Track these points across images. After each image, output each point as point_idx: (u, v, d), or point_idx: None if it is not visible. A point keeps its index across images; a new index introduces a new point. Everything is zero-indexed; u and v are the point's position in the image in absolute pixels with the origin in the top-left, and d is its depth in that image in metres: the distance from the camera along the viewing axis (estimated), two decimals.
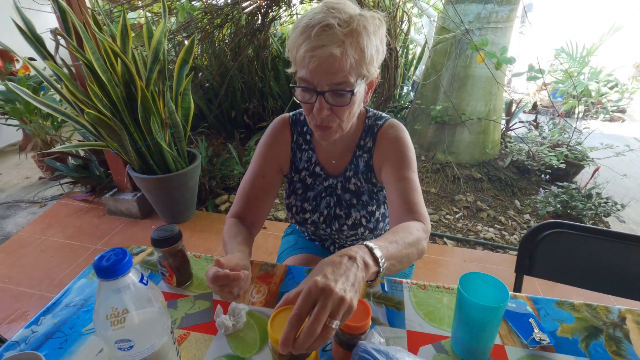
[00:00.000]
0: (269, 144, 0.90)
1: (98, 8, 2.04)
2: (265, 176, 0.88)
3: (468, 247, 2.14)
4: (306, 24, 0.67)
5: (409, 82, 3.65)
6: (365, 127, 0.87)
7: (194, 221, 2.32)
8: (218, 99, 3.11)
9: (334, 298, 0.45)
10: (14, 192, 2.75)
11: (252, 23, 2.96)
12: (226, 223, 0.83)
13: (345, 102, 0.70)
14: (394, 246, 0.60)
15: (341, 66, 0.66)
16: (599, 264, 0.92)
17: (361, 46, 0.67)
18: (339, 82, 0.67)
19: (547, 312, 0.71)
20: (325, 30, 0.65)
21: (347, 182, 0.91)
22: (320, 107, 0.70)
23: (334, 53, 0.64)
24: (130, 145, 1.96)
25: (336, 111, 0.72)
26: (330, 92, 0.69)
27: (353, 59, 0.66)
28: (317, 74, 0.67)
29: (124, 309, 0.46)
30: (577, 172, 2.77)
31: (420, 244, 0.67)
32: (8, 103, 2.69)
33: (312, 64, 0.66)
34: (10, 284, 1.82)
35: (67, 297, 0.74)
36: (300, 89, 0.71)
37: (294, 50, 0.69)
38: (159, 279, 0.78)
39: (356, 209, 0.90)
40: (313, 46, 0.65)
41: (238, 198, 0.87)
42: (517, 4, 2.45)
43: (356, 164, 0.89)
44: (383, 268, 0.55)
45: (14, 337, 0.64)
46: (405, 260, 0.62)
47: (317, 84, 0.68)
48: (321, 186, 0.93)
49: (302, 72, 0.69)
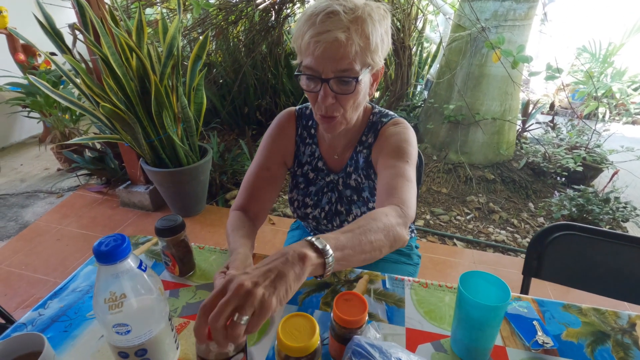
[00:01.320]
0: (273, 137, 0.90)
1: (115, 4, 2.08)
2: (270, 169, 0.88)
3: (478, 249, 2.11)
4: (311, 12, 0.67)
5: (423, 80, 3.61)
6: (369, 124, 0.87)
7: (204, 215, 2.35)
8: (231, 95, 3.14)
9: (240, 292, 0.42)
10: (34, 182, 2.84)
11: (266, 20, 2.97)
12: (230, 216, 0.83)
13: (350, 89, 0.70)
14: (347, 235, 0.55)
15: (346, 52, 0.66)
16: (611, 269, 0.89)
17: (366, 33, 0.67)
18: (343, 69, 0.67)
19: (552, 314, 0.69)
20: (330, 17, 0.65)
21: (348, 177, 0.90)
22: (325, 94, 0.70)
23: (339, 38, 0.64)
24: (143, 138, 1.99)
25: (340, 100, 0.72)
26: (335, 80, 0.69)
27: (358, 46, 0.66)
28: (322, 60, 0.67)
29: (121, 293, 0.47)
30: (595, 175, 2.69)
31: (392, 230, 0.60)
32: (29, 96, 2.78)
33: (317, 50, 0.66)
34: (27, 270, 1.89)
35: (74, 282, 0.76)
36: (305, 77, 0.71)
37: (299, 38, 0.69)
38: (163, 268, 0.80)
39: (357, 206, 0.90)
40: (318, 32, 0.65)
41: (242, 190, 0.87)
42: (536, 1, 2.39)
43: (356, 160, 0.88)
44: (331, 259, 0.50)
45: (21, 319, 0.66)
46: (367, 247, 0.55)
47: (322, 71, 0.68)
48: (323, 181, 0.93)
49: (307, 60, 0.69)
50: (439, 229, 2.27)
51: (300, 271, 0.47)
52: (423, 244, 2.12)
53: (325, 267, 0.51)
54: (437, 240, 2.17)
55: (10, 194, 2.67)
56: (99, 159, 2.59)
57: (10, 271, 1.88)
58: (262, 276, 0.44)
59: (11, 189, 2.75)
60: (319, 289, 0.74)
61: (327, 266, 0.51)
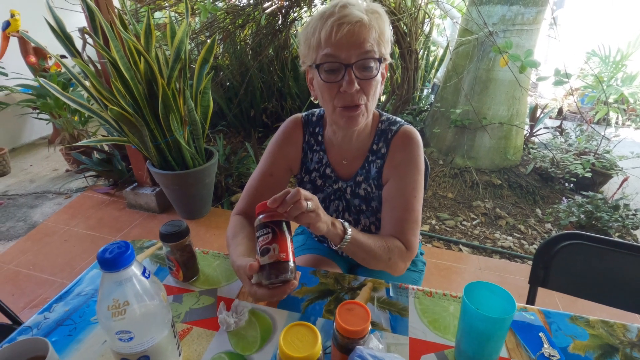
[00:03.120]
0: (279, 143, 0.90)
1: (124, 8, 2.11)
2: (273, 174, 0.88)
3: (484, 255, 2.08)
4: (324, 10, 0.70)
5: (429, 84, 3.60)
6: (379, 131, 0.86)
7: (209, 217, 2.36)
8: (238, 98, 3.16)
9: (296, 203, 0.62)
10: (42, 183, 2.88)
11: (273, 23, 2.99)
12: (230, 221, 0.83)
13: (373, 74, 0.72)
14: (364, 236, 0.71)
15: (368, 35, 0.68)
16: (620, 279, 0.88)
17: (380, 24, 0.70)
18: (366, 51, 0.69)
19: (559, 326, 0.68)
20: (347, 7, 0.68)
21: (357, 187, 0.89)
22: (350, 79, 0.70)
23: (363, 19, 0.67)
24: (150, 141, 2.01)
25: (363, 86, 0.72)
26: (358, 65, 0.70)
27: (376, 32, 0.69)
28: (344, 45, 0.68)
29: (125, 300, 0.47)
30: (604, 181, 2.65)
31: (393, 258, 0.73)
32: (40, 98, 2.83)
33: (340, 33, 0.67)
34: (35, 270, 1.91)
35: (79, 286, 0.76)
36: (325, 70, 0.71)
37: (316, 33, 0.70)
38: (167, 273, 0.80)
39: (365, 216, 0.89)
40: (341, 15, 0.67)
41: (244, 195, 0.87)
42: (545, 6, 2.37)
43: (368, 169, 0.87)
44: (348, 237, 0.70)
45: (27, 323, 0.67)
46: (371, 254, 0.72)
47: (345, 57, 0.69)
48: (331, 188, 0.92)
49: (327, 49, 0.69)
50: (445, 234, 2.25)
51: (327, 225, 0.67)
52: (428, 249, 2.10)
53: (342, 240, 0.70)
54: (443, 245, 2.15)
55: (20, 195, 2.71)
56: (106, 160, 2.62)
57: (19, 271, 1.91)
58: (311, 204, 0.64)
59: (21, 189, 2.79)
60: (322, 296, 0.74)
61: (343, 240, 0.70)
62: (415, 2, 2.62)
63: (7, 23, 3.07)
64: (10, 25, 3.07)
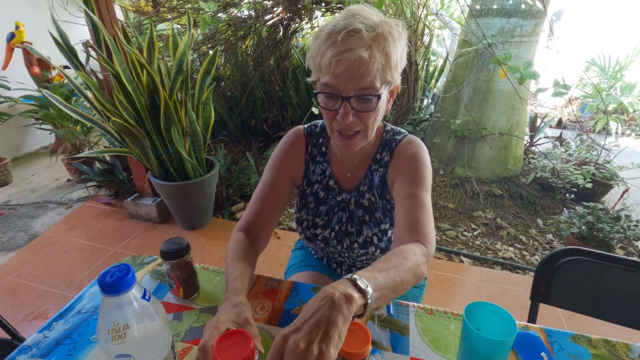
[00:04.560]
0: (281, 156, 0.89)
1: (128, 21, 2.14)
2: (276, 185, 0.87)
3: (486, 266, 2.07)
4: (330, 30, 0.66)
5: (429, 94, 3.62)
6: (383, 141, 0.86)
7: (210, 228, 2.36)
8: (239, 108, 3.18)
9: (297, 353, 0.44)
10: (44, 192, 2.89)
11: (274, 35, 3.02)
12: (232, 237, 0.82)
13: (371, 107, 0.70)
14: (384, 275, 0.56)
15: (368, 70, 0.65)
16: (622, 296, 0.87)
17: (387, 51, 0.67)
18: (365, 87, 0.67)
19: (561, 346, 0.68)
20: (351, 35, 0.65)
21: (361, 197, 0.88)
22: (345, 112, 0.69)
23: (362, 56, 0.64)
24: (151, 152, 2.02)
25: (361, 117, 0.71)
26: (356, 98, 0.69)
27: (380, 64, 0.66)
28: (343, 79, 0.66)
29: (125, 324, 0.47)
30: (605, 192, 2.65)
31: (418, 269, 0.63)
32: (42, 109, 2.85)
33: (338, 68, 0.65)
34: (35, 282, 1.91)
35: (80, 303, 0.76)
36: (324, 95, 0.71)
37: (318, 56, 0.68)
38: (167, 289, 0.80)
39: (368, 227, 0.88)
40: (340, 50, 0.64)
41: (247, 209, 0.87)
42: (543, 18, 2.40)
43: (371, 178, 0.87)
44: (371, 300, 0.51)
45: (26, 342, 0.67)
46: (399, 287, 0.58)
47: (343, 89, 0.68)
48: (334, 200, 0.91)
49: (327, 78, 0.68)
50: (446, 245, 2.24)
51: (347, 313, 0.48)
52: None
53: (365, 307, 0.51)
54: (444, 256, 2.14)
55: (21, 204, 2.72)
56: (108, 170, 2.63)
57: (19, 282, 1.90)
58: (314, 331, 0.45)
59: (22, 199, 2.80)
60: None
61: (367, 307, 0.51)
62: (415, 14, 2.65)
63: (12, 34, 3.11)
64: (15, 37, 3.11)
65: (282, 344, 0.46)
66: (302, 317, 0.48)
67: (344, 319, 0.47)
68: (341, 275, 1.03)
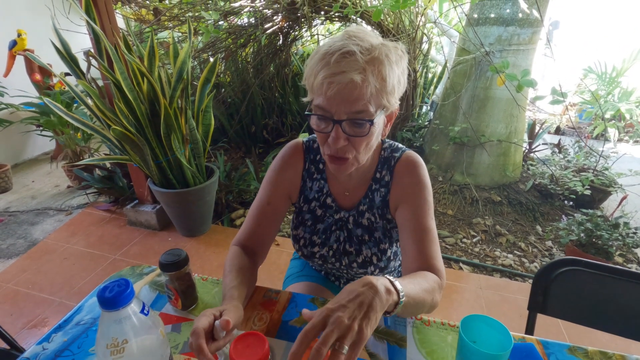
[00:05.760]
0: (278, 170, 0.87)
1: (129, 29, 2.16)
2: (271, 203, 0.85)
3: (485, 274, 2.07)
4: (325, 51, 0.65)
5: (428, 101, 3.64)
6: (382, 159, 0.84)
7: (209, 235, 2.36)
8: (239, 115, 3.20)
9: (341, 325, 0.48)
10: (44, 199, 2.90)
11: (274, 42, 3.05)
12: (229, 251, 0.82)
13: (363, 132, 0.67)
14: (413, 286, 0.60)
15: (361, 94, 0.63)
16: (619, 306, 0.87)
17: (383, 75, 0.64)
18: (358, 111, 0.65)
19: (557, 358, 0.68)
20: (345, 57, 0.63)
21: (360, 216, 0.86)
22: (337, 136, 0.67)
23: (355, 79, 0.62)
24: (151, 159, 2.03)
25: (353, 142, 0.69)
26: (348, 122, 0.66)
27: (374, 88, 0.64)
28: (335, 101, 0.64)
29: (123, 339, 0.48)
30: (603, 198, 2.65)
31: (435, 296, 0.66)
32: (43, 116, 2.87)
33: (330, 91, 0.63)
34: (34, 290, 1.90)
35: (79, 314, 0.77)
36: (316, 117, 0.69)
37: (312, 77, 0.67)
38: (166, 301, 0.80)
39: (367, 246, 0.86)
40: (332, 72, 0.63)
41: (244, 225, 0.86)
42: (540, 26, 2.42)
43: (371, 198, 0.85)
44: (402, 300, 0.56)
45: (25, 354, 0.67)
46: (420, 305, 0.62)
47: (335, 112, 0.66)
48: (332, 219, 0.89)
49: (319, 100, 0.66)
50: (445, 252, 2.24)
51: (385, 302, 0.53)
52: None
53: (396, 306, 0.57)
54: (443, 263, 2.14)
55: (21, 211, 2.72)
56: (108, 177, 2.64)
57: (17, 290, 1.90)
58: (357, 309, 0.51)
59: (22, 205, 2.80)
60: None
61: (397, 306, 0.57)
62: (413, 22, 2.67)
63: (14, 42, 3.14)
64: (17, 44, 3.14)
65: (326, 316, 0.50)
66: (344, 297, 0.52)
67: (382, 307, 0.53)
68: (340, 287, 1.02)
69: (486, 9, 2.46)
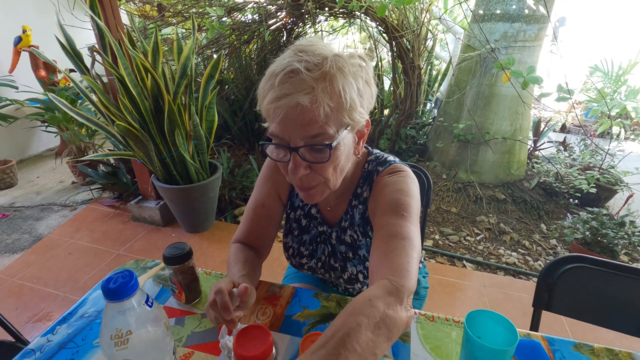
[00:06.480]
0: (268, 172, 0.84)
1: (133, 25, 2.16)
2: (265, 205, 0.82)
3: (488, 272, 2.06)
4: (272, 71, 0.58)
5: (432, 98, 3.62)
6: (364, 173, 0.77)
7: (213, 231, 2.37)
8: (242, 111, 3.19)
9: None
10: (49, 195, 2.91)
11: (277, 39, 3.04)
12: (231, 249, 0.81)
13: (324, 158, 0.60)
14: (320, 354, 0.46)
15: (313, 117, 0.56)
16: (625, 304, 0.86)
17: (337, 91, 0.57)
18: (314, 135, 0.57)
19: (563, 354, 0.67)
20: (290, 77, 0.56)
21: (343, 233, 0.82)
22: (296, 165, 0.60)
23: (301, 102, 0.55)
24: (155, 155, 2.03)
25: (316, 169, 0.62)
26: (306, 148, 0.59)
27: (327, 107, 0.56)
28: (286, 127, 0.57)
29: (127, 330, 0.48)
30: (609, 197, 2.63)
31: (384, 319, 0.50)
32: (48, 112, 2.88)
33: (279, 117, 0.56)
34: (38, 284, 1.92)
35: (83, 307, 0.77)
36: (273, 145, 0.62)
37: (262, 100, 0.60)
38: (170, 294, 0.80)
39: (352, 264, 0.82)
40: (277, 96, 0.56)
41: (241, 224, 0.84)
42: (547, 23, 2.40)
43: (352, 215, 0.79)
44: None
45: (30, 345, 0.67)
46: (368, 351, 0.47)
47: (289, 139, 0.58)
48: (316, 230, 0.85)
49: (272, 127, 0.59)
50: (448, 249, 2.23)
51: None
52: (431, 265, 2.09)
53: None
54: (446, 261, 2.14)
55: (26, 206, 2.74)
56: (112, 173, 2.65)
57: (22, 284, 1.91)
58: None
59: (27, 201, 2.82)
60: (324, 320, 0.74)
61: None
62: (418, 19, 2.65)
63: (19, 38, 3.15)
64: (22, 41, 3.15)
65: None
66: None
67: None
68: (337, 291, 0.98)
69: (492, 5, 2.43)
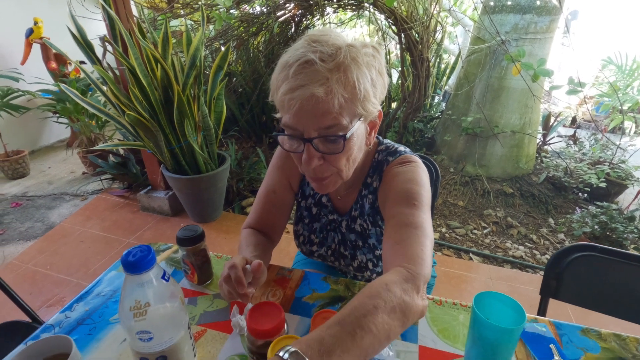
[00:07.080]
0: (280, 159, 0.84)
1: (143, 17, 2.17)
2: (277, 192, 0.83)
3: (495, 265, 2.06)
4: (285, 61, 0.58)
5: (440, 91, 3.60)
6: (374, 163, 0.77)
7: (220, 222, 2.40)
8: (250, 104, 3.21)
9: None
10: (60, 185, 2.96)
11: (285, 31, 3.04)
12: (242, 234, 0.82)
13: (338, 148, 0.60)
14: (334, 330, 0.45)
15: (328, 107, 0.56)
16: (633, 292, 0.87)
17: (351, 81, 0.57)
18: (328, 126, 0.58)
19: (570, 339, 0.68)
20: (305, 68, 0.56)
21: (353, 222, 0.83)
22: (310, 156, 0.61)
23: (316, 93, 0.55)
24: (165, 146, 2.06)
25: (329, 159, 0.63)
26: (320, 139, 0.59)
27: (342, 97, 0.56)
28: (301, 118, 0.57)
29: (146, 302, 0.49)
30: (619, 192, 2.60)
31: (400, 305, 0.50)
32: (59, 103, 2.92)
33: (293, 107, 0.56)
34: (52, 270, 1.96)
35: (99, 287, 0.79)
36: (286, 136, 0.62)
37: (275, 92, 0.60)
38: (182, 276, 0.82)
39: (362, 252, 0.83)
40: (291, 87, 0.56)
41: (252, 210, 0.85)
42: (559, 14, 2.36)
43: (361, 204, 0.80)
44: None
45: (49, 321, 0.70)
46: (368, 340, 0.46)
47: (303, 130, 0.59)
48: (326, 218, 0.86)
49: (286, 117, 0.59)
50: (455, 242, 2.24)
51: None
52: (438, 257, 2.09)
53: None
54: (453, 254, 2.14)
55: (39, 196, 2.79)
56: (122, 164, 2.69)
57: (36, 270, 1.96)
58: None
59: (39, 190, 2.87)
60: (333, 302, 0.75)
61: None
62: (427, 10, 2.63)
63: (31, 30, 3.19)
64: (34, 32, 3.19)
65: None
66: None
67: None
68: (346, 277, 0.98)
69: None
